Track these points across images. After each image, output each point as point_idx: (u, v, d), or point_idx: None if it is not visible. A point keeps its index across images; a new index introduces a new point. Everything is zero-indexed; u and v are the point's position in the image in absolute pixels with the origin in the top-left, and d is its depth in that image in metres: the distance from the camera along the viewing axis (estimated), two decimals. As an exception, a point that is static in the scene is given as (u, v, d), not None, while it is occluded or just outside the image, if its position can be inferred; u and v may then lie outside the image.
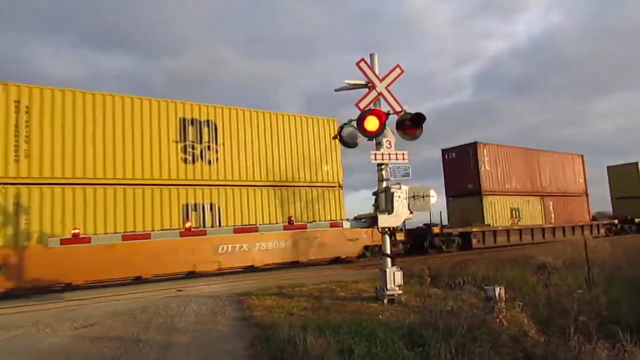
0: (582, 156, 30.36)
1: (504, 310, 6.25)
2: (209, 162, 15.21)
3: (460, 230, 21.56)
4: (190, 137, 14.95)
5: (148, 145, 14.15)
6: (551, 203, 26.87)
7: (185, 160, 14.77)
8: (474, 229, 21.87)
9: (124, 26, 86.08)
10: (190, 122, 15.04)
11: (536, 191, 26.18)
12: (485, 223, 22.93)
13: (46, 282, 11.73)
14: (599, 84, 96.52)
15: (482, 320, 5.69)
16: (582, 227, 27.29)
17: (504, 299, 6.60)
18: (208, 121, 15.42)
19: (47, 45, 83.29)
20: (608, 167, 35.47)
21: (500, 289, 6.67)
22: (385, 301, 7.92)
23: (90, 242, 8.19)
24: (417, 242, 20.81)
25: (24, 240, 11.62)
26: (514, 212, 24.58)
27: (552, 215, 26.78)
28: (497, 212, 23.79)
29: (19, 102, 12.19)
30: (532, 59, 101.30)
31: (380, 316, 6.84)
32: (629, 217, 31.03)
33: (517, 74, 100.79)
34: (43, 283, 11.68)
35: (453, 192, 24.62)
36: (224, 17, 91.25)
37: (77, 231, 8.02)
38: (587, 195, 29.84)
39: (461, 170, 24.00)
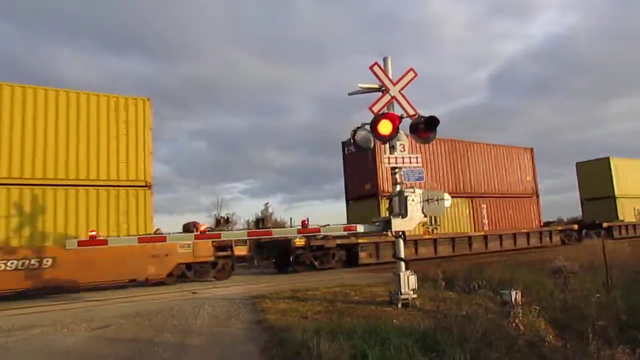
0: (532, 150, 25.64)
1: (520, 314, 6.15)
2: None
3: (340, 242, 17.44)
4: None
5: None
6: (484, 206, 22.43)
7: None
8: (360, 240, 17.57)
9: (140, 30, 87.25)
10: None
11: (464, 192, 21.76)
12: None
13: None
14: (616, 85, 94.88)
15: (498, 325, 5.61)
16: (527, 234, 23.14)
17: (520, 303, 6.51)
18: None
19: (65, 48, 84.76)
20: (577, 164, 31.06)
21: (516, 293, 6.58)
22: (400, 305, 7.87)
23: (107, 244, 8.31)
24: (280, 256, 17.81)
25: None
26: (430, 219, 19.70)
27: (485, 222, 22.30)
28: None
29: None
30: (548, 61, 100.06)
31: (394, 320, 6.79)
32: (596, 222, 26.56)
33: (532, 76, 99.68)
34: None
35: (352, 194, 21.24)
36: (239, 21, 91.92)
37: (93, 233, 8.14)
38: (537, 196, 25.13)
39: (360, 167, 20.02)
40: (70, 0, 77.12)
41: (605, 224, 26.43)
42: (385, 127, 8.09)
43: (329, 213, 72.72)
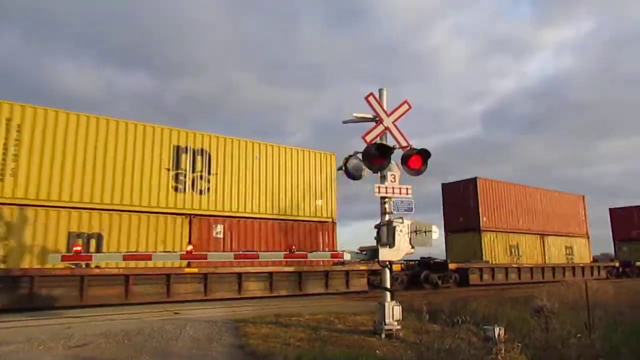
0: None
1: (502, 351, 6.16)
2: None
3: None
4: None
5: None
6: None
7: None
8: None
9: (142, 46, 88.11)
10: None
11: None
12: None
13: None
14: (607, 127, 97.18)
15: (480, 361, 5.61)
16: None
17: (503, 339, 6.51)
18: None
19: (67, 62, 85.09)
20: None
21: (500, 329, 6.58)
22: (383, 336, 7.83)
23: (91, 259, 8.21)
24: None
25: None
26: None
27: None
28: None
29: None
30: (542, 99, 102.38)
31: (377, 351, 6.76)
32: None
33: (526, 113, 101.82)
34: None
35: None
36: (242, 42, 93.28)
37: (79, 248, 8.06)
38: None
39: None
40: (73, 15, 77.92)
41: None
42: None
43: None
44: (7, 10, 67.70)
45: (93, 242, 12.79)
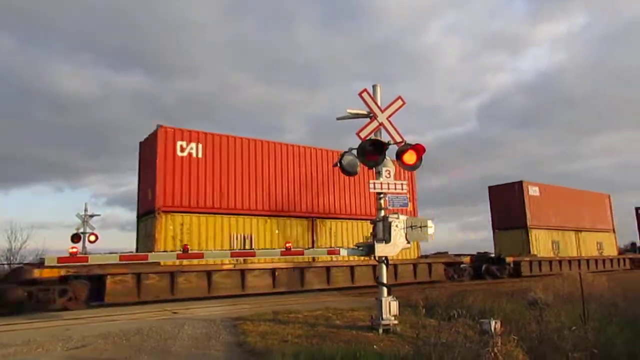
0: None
1: (499, 344, 6.22)
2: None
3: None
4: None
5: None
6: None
7: None
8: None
9: (139, 47, 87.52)
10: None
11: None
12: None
13: None
14: (601, 121, 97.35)
15: (477, 355, 5.67)
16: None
17: (499, 332, 6.58)
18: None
19: (64, 62, 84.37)
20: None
21: (496, 322, 6.66)
22: (381, 331, 7.89)
23: (87, 261, 8.22)
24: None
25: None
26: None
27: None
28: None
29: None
30: (536, 94, 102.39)
31: (374, 346, 6.81)
32: None
33: (521, 108, 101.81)
34: None
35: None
36: (239, 42, 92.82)
37: (74, 250, 8.05)
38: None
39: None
40: (69, 16, 77.23)
41: None
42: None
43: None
44: (2, 12, 67.05)
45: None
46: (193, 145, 15.28)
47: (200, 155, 15.32)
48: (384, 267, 8.34)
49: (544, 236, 26.80)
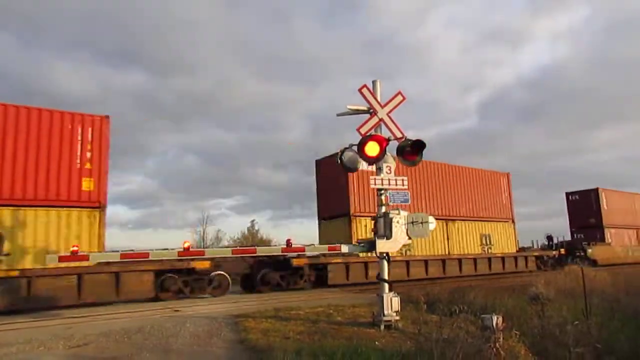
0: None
1: (500, 339, 6.20)
2: None
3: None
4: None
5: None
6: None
7: None
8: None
9: (136, 45, 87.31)
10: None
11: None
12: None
13: None
14: (603, 114, 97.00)
15: (479, 350, 5.66)
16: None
17: (501, 328, 6.56)
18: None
19: (62, 61, 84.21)
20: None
21: (497, 317, 6.63)
22: (382, 327, 7.88)
23: (88, 259, 8.22)
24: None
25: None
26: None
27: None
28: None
29: None
30: (538, 88, 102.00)
31: (376, 342, 6.80)
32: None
33: (522, 103, 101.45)
34: None
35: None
36: (237, 39, 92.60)
37: (75, 249, 8.05)
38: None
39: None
40: (66, 14, 77.13)
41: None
42: (372, 149, 8.20)
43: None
44: (1, 12, 67.03)
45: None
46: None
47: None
48: (385, 263, 8.33)
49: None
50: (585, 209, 32.53)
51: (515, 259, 24.24)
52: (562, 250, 27.41)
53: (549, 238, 28.69)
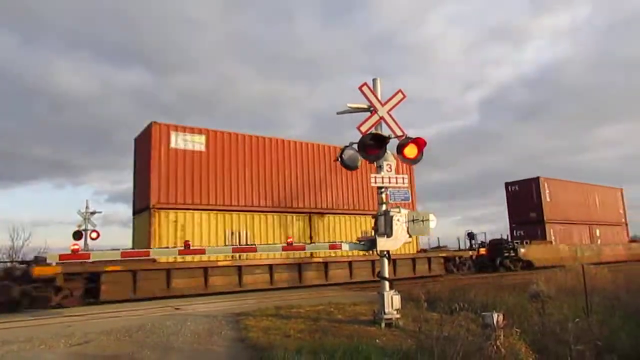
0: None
1: (501, 337, 6.20)
2: None
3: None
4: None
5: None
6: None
7: None
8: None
9: (138, 43, 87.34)
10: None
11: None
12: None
13: None
14: (605, 113, 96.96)
15: (479, 347, 5.66)
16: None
17: (502, 325, 6.55)
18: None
19: (64, 60, 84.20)
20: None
21: (498, 315, 6.62)
22: (383, 325, 7.88)
23: (89, 258, 8.22)
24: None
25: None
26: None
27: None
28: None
29: None
30: (539, 87, 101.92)
31: (376, 340, 6.80)
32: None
33: (523, 101, 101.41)
34: None
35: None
36: (239, 37, 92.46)
37: (76, 247, 8.05)
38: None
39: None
40: (68, 13, 77.06)
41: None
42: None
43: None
44: (3, 11, 66.95)
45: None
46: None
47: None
48: (386, 261, 8.33)
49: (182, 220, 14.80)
50: (525, 201, 28.48)
51: (413, 261, 19.22)
52: (483, 250, 23.92)
53: (470, 236, 24.97)
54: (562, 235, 28.64)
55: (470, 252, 22.81)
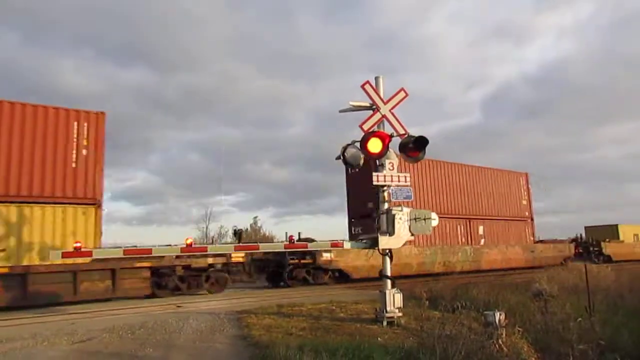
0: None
1: (503, 335, 6.20)
2: None
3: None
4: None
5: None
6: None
7: None
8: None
9: (140, 42, 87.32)
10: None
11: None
12: None
13: None
14: (609, 111, 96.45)
15: (481, 346, 5.65)
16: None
17: (504, 324, 6.54)
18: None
19: (67, 58, 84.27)
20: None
21: (500, 314, 6.61)
22: (385, 323, 7.88)
23: (91, 255, 8.23)
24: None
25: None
26: None
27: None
28: None
29: None
30: (542, 85, 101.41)
31: (379, 339, 6.80)
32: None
33: (526, 99, 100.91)
34: None
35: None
36: (240, 35, 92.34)
37: (78, 245, 8.06)
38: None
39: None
40: (71, 12, 77.11)
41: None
42: (375, 145, 8.18)
43: (322, 228, 75.09)
44: (5, 10, 67.10)
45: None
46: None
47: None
48: (388, 259, 8.32)
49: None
50: (366, 188, 16.25)
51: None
52: (240, 258, 14.91)
53: (237, 233, 19.54)
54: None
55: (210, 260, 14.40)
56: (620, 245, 33.12)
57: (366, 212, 18.32)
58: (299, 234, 18.68)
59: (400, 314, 8.02)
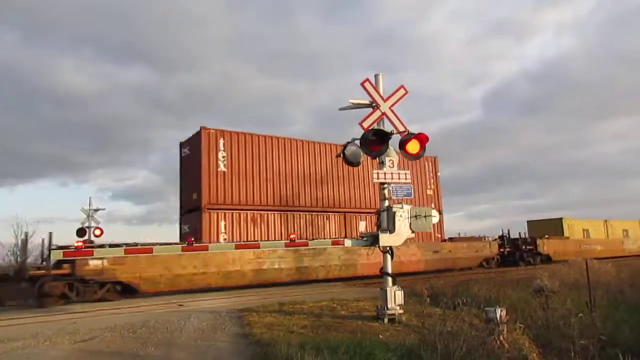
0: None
1: (504, 332, 6.20)
2: None
3: None
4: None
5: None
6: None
7: None
8: None
9: (140, 42, 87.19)
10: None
11: None
12: None
13: None
14: (608, 107, 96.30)
15: (482, 342, 5.65)
16: None
17: (505, 320, 6.55)
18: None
19: (67, 58, 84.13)
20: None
21: (501, 310, 6.62)
22: (386, 320, 7.88)
23: (92, 254, 8.24)
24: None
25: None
26: None
27: None
28: None
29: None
30: (542, 81, 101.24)
31: (380, 336, 6.81)
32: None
33: (527, 96, 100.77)
34: None
35: None
36: (240, 35, 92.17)
37: (80, 244, 8.08)
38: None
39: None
40: (70, 12, 76.97)
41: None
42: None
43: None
44: (5, 10, 66.97)
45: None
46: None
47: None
48: (389, 257, 8.32)
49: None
50: (193, 174, 16.96)
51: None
52: None
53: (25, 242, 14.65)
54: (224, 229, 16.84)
55: None
56: (563, 242, 28.41)
57: (194, 206, 16.10)
58: None
59: (401, 311, 8.02)
